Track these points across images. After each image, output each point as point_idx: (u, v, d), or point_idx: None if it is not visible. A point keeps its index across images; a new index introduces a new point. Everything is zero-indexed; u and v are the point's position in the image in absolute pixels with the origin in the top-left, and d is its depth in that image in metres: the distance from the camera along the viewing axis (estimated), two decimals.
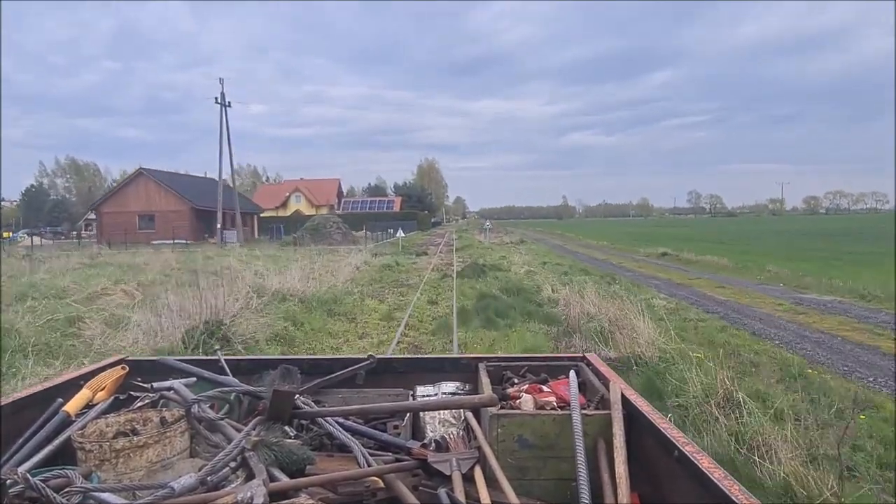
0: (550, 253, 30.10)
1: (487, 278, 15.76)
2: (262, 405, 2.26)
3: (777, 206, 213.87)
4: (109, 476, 1.75)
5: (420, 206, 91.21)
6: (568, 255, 29.31)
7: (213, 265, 18.56)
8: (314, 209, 79.64)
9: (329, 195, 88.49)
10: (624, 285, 13.98)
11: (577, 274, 17.44)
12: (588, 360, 2.61)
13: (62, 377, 2.44)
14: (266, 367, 2.61)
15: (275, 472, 1.80)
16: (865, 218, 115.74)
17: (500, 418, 2.03)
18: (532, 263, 20.96)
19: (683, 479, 1.59)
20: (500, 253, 26.97)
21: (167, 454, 1.84)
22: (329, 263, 18.84)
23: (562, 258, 25.97)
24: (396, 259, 23.19)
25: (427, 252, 30.17)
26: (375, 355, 2.66)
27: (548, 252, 30.75)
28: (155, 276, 16.14)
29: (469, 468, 1.98)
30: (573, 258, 26.35)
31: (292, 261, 19.78)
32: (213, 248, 33.86)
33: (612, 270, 19.58)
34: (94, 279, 14.68)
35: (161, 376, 2.40)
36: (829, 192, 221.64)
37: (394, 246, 34.04)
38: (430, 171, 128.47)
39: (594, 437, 1.99)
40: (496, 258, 23.23)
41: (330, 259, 21.30)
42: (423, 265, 22.16)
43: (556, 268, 19.99)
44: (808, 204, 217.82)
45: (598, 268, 20.88)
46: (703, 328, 9.46)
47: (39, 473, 1.65)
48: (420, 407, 2.36)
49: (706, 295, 13.71)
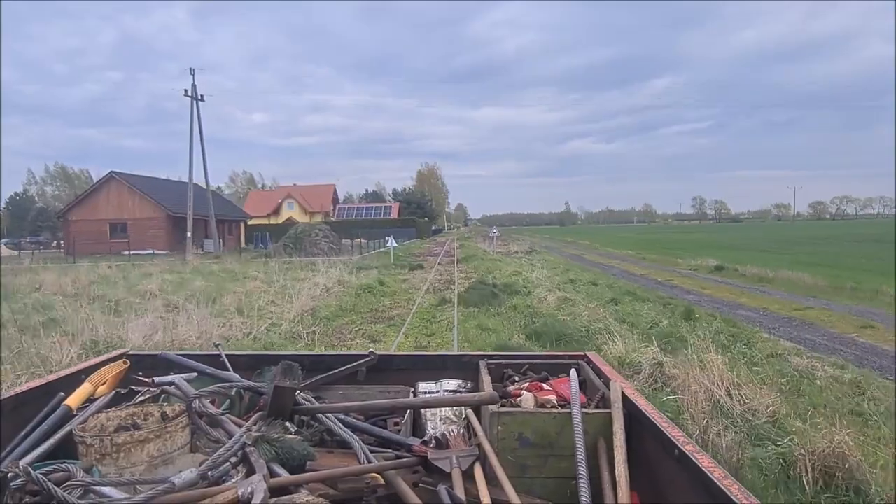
0: (573, 266, 24.53)
1: (502, 307, 11.65)
2: (262, 401, 2.26)
3: (782, 212, 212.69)
4: (110, 470, 1.75)
5: (420, 212, 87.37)
6: (593, 268, 24.11)
7: (117, 288, 15.61)
8: (308, 216, 77.03)
9: (324, 202, 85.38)
10: (711, 322, 9.87)
11: (626, 299, 12.91)
12: (589, 359, 2.61)
13: (64, 371, 2.45)
14: (267, 362, 2.61)
15: (275, 468, 1.80)
16: (884, 223, 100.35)
17: (501, 416, 2.03)
18: (557, 282, 16.37)
19: (683, 479, 1.59)
20: (512, 266, 22.05)
21: (168, 449, 1.84)
22: (295, 283, 15.88)
23: (589, 273, 20.86)
24: (382, 277, 18.64)
25: (423, 265, 25.18)
26: (376, 352, 2.66)
27: (568, 265, 25.30)
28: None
29: (469, 466, 1.98)
30: (603, 273, 21.44)
31: (247, 279, 17.47)
32: (173, 261, 30.00)
33: (669, 293, 14.75)
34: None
35: (162, 371, 2.41)
36: (835, 197, 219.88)
37: (385, 257, 29.79)
38: (431, 177, 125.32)
39: (594, 436, 1.99)
40: (508, 274, 18.74)
41: (298, 276, 18.14)
42: (416, 283, 17.83)
43: (590, 289, 15.06)
44: (814, 209, 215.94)
45: (646, 288, 15.92)
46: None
47: (41, 467, 1.66)
48: (421, 404, 2.37)
49: (856, 342, 8.87)
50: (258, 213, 76.00)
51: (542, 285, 15.09)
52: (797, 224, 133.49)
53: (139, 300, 13.34)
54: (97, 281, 18.26)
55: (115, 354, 2.66)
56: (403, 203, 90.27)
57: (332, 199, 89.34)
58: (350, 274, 18.94)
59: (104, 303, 12.15)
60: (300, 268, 22.26)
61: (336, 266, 20.80)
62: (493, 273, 19.21)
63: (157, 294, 14.44)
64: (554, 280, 16.94)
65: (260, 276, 18.90)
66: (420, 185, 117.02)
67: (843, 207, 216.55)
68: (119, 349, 2.98)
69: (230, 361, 2.62)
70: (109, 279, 19.18)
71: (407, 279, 19.31)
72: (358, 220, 73.91)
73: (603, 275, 20.38)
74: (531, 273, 18.58)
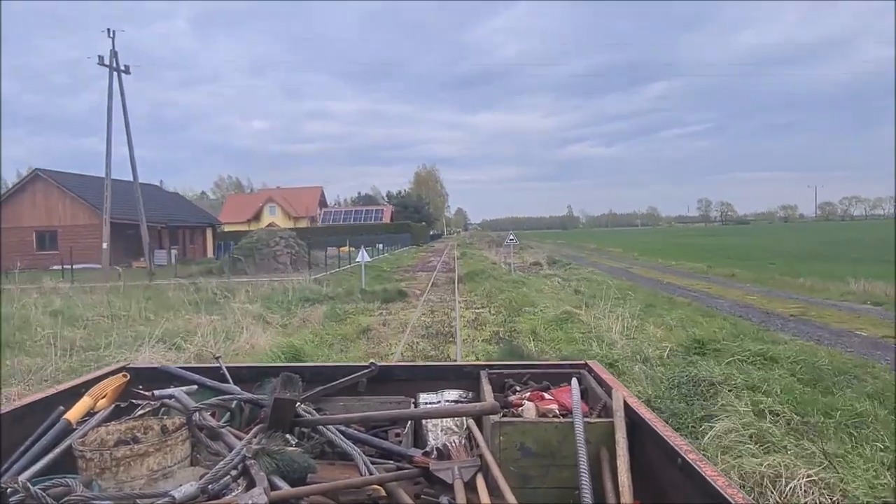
0: (644, 292, 15.62)
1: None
2: (263, 413, 2.25)
3: (789, 213, 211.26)
4: (110, 484, 1.74)
5: (416, 216, 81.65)
6: (677, 295, 15.58)
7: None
8: (292, 221, 71.11)
9: (309, 206, 77.47)
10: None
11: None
12: (590, 367, 2.60)
13: (64, 385, 2.44)
14: (267, 374, 2.60)
15: (276, 481, 1.79)
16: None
17: (503, 426, 2.03)
18: (667, 343, 8.27)
19: (686, 488, 1.58)
20: (546, 293, 15.11)
21: (168, 462, 1.84)
22: (164, 326, 10.01)
23: (696, 311, 12.21)
24: (327, 326, 11.53)
25: (408, 290, 17.27)
26: (377, 363, 2.66)
27: (630, 288, 16.24)
28: None
29: (471, 476, 1.97)
30: (719, 310, 12.67)
31: (78, 324, 10.81)
32: (94, 276, 24.60)
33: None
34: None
35: (162, 384, 2.40)
36: (844, 198, 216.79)
37: (355, 275, 21.17)
38: (429, 179, 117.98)
39: (597, 445, 1.98)
40: (551, 317, 10.89)
41: (182, 315, 11.78)
42: (385, 336, 10.53)
43: (765, 374, 6.47)
44: (822, 210, 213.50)
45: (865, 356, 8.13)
46: None
47: (40, 482, 1.65)
48: (422, 415, 2.36)
49: None
50: (236, 218, 69.61)
51: (645, 353, 7.63)
52: (821, 225, 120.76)
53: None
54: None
55: (114, 368, 2.65)
56: (399, 207, 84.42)
57: (320, 203, 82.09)
58: (285, 310, 13.10)
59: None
60: (220, 295, 15.22)
61: (275, 294, 15.23)
62: (522, 311, 12.01)
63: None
64: (650, 334, 9.17)
65: (124, 314, 12.19)
66: (417, 187, 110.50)
67: (851, 209, 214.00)
68: (119, 362, 2.97)
69: (230, 373, 2.61)
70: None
71: (369, 327, 11.28)
72: (345, 226, 66.85)
73: (737, 320, 11.09)
74: (591, 312, 10.98)
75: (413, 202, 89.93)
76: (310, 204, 77.85)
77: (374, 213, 78.36)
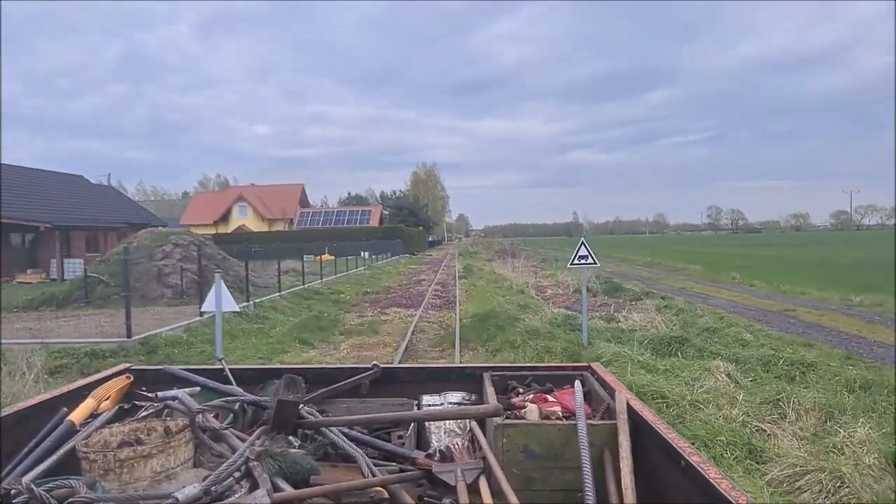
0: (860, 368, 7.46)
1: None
2: (266, 415, 2.25)
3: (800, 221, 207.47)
4: (113, 486, 1.74)
5: (412, 220, 71.67)
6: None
7: None
8: (266, 223, 62.84)
9: (287, 206, 66.28)
10: None
11: None
12: (593, 370, 2.60)
13: (67, 387, 2.44)
14: (270, 376, 2.61)
15: (279, 483, 1.79)
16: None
17: (506, 428, 2.02)
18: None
19: (690, 490, 1.58)
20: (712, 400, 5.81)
21: (171, 464, 1.84)
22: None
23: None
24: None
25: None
26: (380, 364, 2.66)
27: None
28: None
29: (474, 479, 1.97)
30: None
31: None
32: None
33: None
34: None
35: (165, 386, 2.40)
36: (860, 207, 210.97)
37: (298, 305, 15.33)
38: (428, 180, 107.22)
39: (600, 447, 1.98)
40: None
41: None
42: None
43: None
44: (836, 219, 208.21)
45: None
46: None
47: (43, 483, 1.65)
48: (425, 417, 2.36)
49: None
50: (202, 220, 59.20)
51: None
52: (844, 235, 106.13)
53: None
54: None
55: (118, 369, 2.66)
56: (394, 209, 75.80)
57: (300, 203, 70.94)
58: None
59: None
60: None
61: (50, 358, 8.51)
62: None
63: None
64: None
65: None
66: (415, 188, 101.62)
67: (866, 219, 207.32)
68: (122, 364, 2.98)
69: (233, 375, 2.62)
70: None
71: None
72: (323, 230, 57.74)
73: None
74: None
75: (409, 204, 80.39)
76: (287, 204, 66.78)
77: (360, 214, 66.83)
